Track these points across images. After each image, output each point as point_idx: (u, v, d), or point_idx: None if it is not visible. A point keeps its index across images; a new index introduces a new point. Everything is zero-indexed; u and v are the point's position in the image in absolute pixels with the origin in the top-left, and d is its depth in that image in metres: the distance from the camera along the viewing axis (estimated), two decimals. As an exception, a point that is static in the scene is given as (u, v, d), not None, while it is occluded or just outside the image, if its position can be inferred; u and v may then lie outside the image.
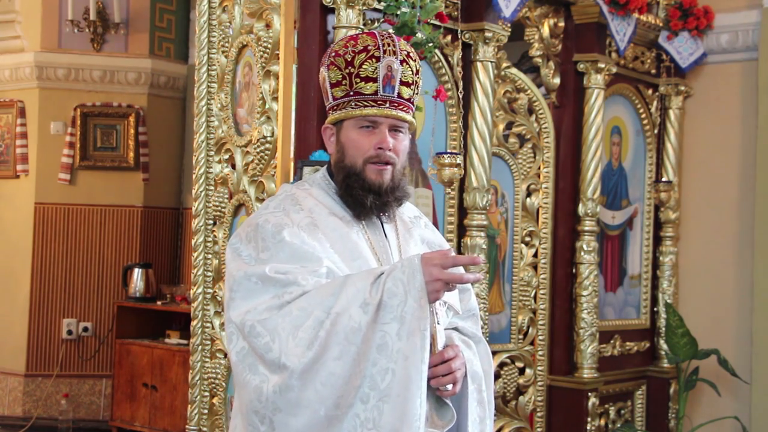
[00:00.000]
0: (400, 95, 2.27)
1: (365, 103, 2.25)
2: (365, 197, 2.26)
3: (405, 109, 2.28)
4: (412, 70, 2.29)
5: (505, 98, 4.48)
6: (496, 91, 4.31)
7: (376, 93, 2.24)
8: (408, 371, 2.04)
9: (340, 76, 2.25)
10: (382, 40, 2.26)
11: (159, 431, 6.36)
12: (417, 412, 2.04)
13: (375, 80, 2.24)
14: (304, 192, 2.31)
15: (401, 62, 2.26)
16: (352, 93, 2.25)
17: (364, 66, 2.23)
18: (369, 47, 2.24)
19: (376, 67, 2.23)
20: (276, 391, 2.05)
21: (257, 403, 2.08)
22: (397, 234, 2.37)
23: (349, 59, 2.24)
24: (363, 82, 2.24)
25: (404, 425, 2.03)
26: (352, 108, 2.25)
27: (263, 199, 3.80)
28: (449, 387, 2.20)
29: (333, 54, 2.27)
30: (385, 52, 2.24)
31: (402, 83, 2.27)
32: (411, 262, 2.11)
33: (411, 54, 2.30)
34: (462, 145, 4.14)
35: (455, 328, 2.39)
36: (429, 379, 2.13)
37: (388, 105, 2.25)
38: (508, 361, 4.50)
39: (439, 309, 2.25)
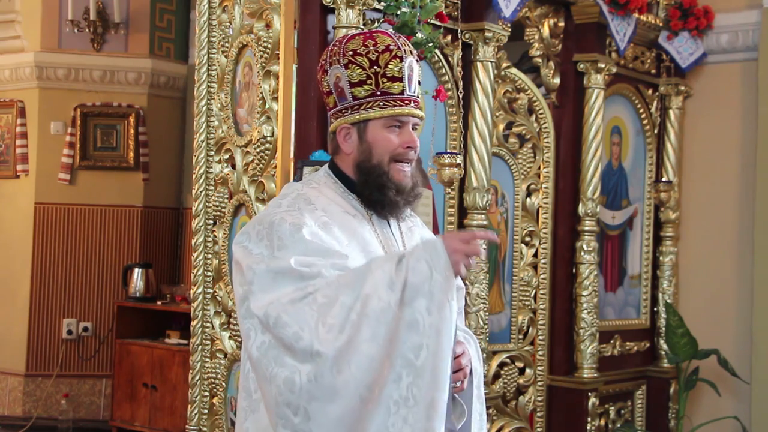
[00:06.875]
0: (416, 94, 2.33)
1: (394, 103, 2.27)
2: (396, 197, 2.29)
3: (420, 107, 2.35)
4: (421, 70, 2.37)
5: (505, 98, 4.48)
6: (496, 91, 4.31)
7: (402, 92, 2.28)
8: (441, 344, 2.06)
9: (364, 76, 2.25)
10: (398, 39, 2.30)
11: (159, 431, 6.36)
12: (447, 379, 2.08)
13: (401, 80, 2.27)
14: (315, 191, 2.30)
15: (416, 62, 2.32)
16: (379, 93, 2.26)
17: (390, 66, 2.25)
18: (390, 47, 2.26)
19: (401, 67, 2.26)
20: (311, 380, 2.03)
21: (289, 395, 2.05)
22: (401, 232, 2.40)
23: (373, 58, 2.25)
24: (390, 82, 2.26)
25: (439, 393, 2.06)
26: (381, 108, 2.26)
27: (263, 199, 3.80)
28: (458, 383, 2.23)
29: (350, 53, 2.26)
30: (405, 51, 2.28)
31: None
32: (430, 240, 2.15)
33: (416, 53, 2.36)
34: (462, 145, 4.13)
35: None
36: None
37: (412, 104, 2.30)
38: (508, 361, 4.50)
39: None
